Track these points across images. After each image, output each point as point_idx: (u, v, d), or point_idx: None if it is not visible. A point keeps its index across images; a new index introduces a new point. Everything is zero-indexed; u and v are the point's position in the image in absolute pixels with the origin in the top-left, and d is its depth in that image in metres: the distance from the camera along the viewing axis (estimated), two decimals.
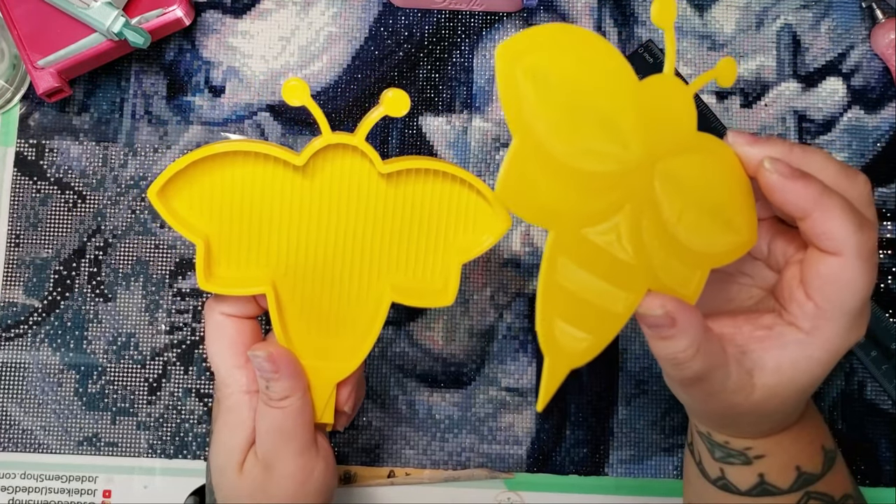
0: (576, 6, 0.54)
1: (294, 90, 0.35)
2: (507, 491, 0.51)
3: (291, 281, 0.39)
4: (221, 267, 0.38)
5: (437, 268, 0.39)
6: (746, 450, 0.38)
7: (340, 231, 0.38)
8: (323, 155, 0.37)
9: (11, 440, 0.51)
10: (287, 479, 0.38)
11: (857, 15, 0.54)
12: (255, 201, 0.38)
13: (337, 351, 0.40)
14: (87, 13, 0.47)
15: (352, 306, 0.39)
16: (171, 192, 0.37)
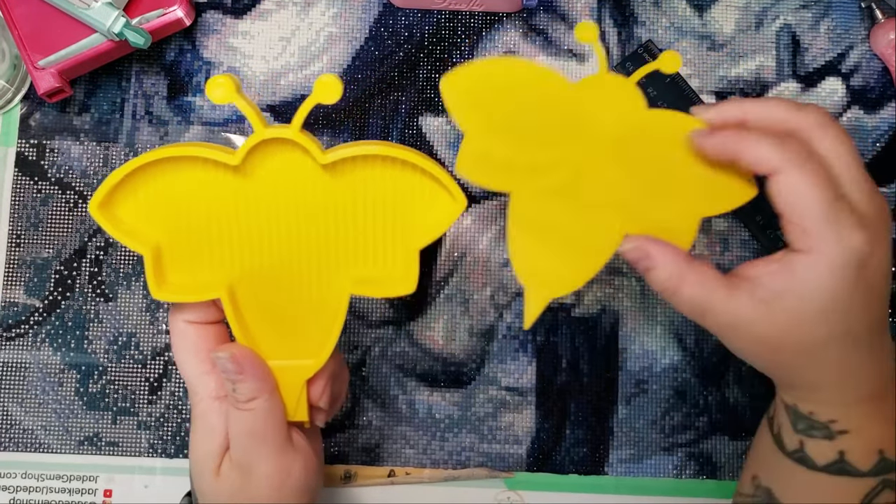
0: (576, 6, 0.54)
1: (219, 87, 0.35)
2: (507, 490, 0.51)
3: (247, 283, 0.38)
4: (174, 274, 0.38)
5: (396, 256, 0.38)
6: (831, 423, 0.37)
7: (289, 228, 0.38)
8: (261, 152, 0.36)
9: (12, 440, 0.51)
10: (264, 481, 0.37)
11: (857, 15, 0.55)
12: (199, 205, 0.37)
13: (302, 348, 0.39)
14: (88, 13, 0.47)
15: (312, 303, 0.39)
16: (114, 203, 0.37)
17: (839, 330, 0.36)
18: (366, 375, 0.52)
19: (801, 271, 0.35)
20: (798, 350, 0.36)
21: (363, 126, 0.53)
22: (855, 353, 0.37)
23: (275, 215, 0.37)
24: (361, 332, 0.52)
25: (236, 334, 0.38)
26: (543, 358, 0.52)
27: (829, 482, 0.38)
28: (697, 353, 0.52)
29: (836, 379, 0.37)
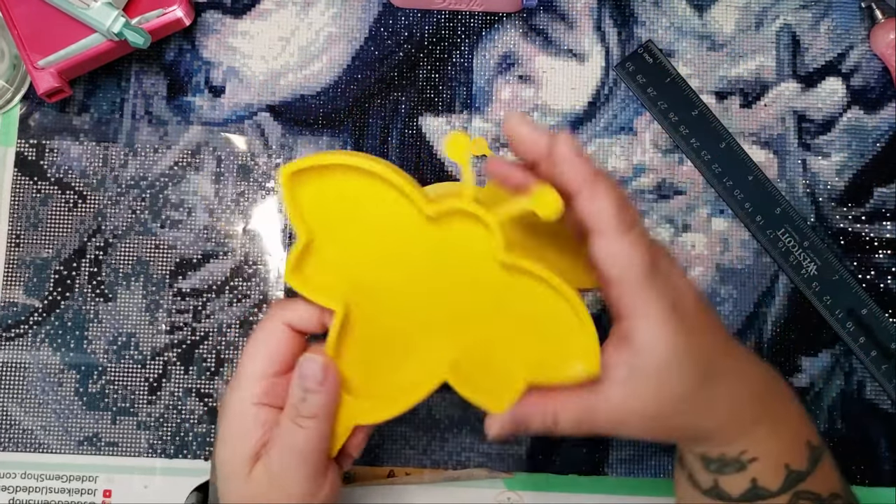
0: (575, 6, 0.54)
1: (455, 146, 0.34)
2: (507, 490, 0.51)
3: (365, 310, 0.37)
4: (310, 268, 0.37)
5: (504, 372, 0.36)
6: (742, 454, 0.38)
7: (434, 288, 0.36)
8: (453, 215, 0.35)
9: (12, 440, 0.51)
10: (292, 500, 0.37)
11: (857, 15, 0.54)
12: (372, 223, 0.36)
13: (375, 396, 0.38)
14: (88, 13, 0.47)
15: (409, 363, 0.37)
16: (300, 179, 0.36)
17: (702, 368, 0.35)
18: None
19: (637, 338, 0.34)
20: (680, 408, 0.36)
21: (363, 126, 0.53)
22: (727, 380, 0.37)
23: (429, 269, 0.36)
24: None
25: (329, 349, 0.37)
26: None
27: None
28: None
29: (728, 413, 0.37)
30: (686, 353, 0.35)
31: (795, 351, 0.52)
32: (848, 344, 0.51)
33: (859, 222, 0.53)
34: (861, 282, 0.52)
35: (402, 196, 0.35)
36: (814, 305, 0.52)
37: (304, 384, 0.36)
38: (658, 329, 0.34)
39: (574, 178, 0.33)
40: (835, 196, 0.53)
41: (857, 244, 0.53)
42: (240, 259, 0.52)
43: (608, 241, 0.33)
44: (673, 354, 0.34)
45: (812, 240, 0.52)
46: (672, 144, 0.53)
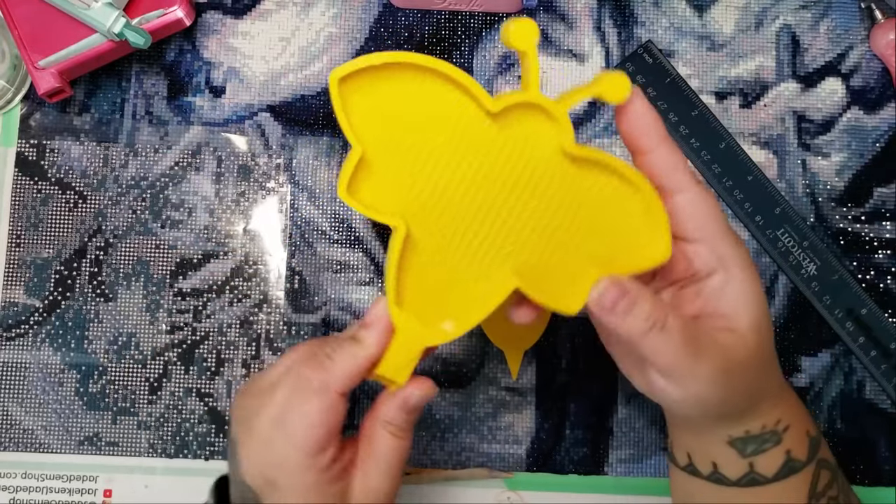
0: (575, 7, 0.54)
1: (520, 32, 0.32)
2: (507, 490, 0.51)
3: (425, 223, 0.35)
4: (364, 183, 0.34)
5: (574, 272, 0.35)
6: (777, 424, 0.37)
7: (497, 192, 0.34)
8: (516, 110, 0.33)
9: (12, 440, 0.51)
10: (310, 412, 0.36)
11: (857, 15, 0.55)
12: (429, 127, 0.34)
13: (443, 316, 0.36)
14: (88, 14, 0.47)
15: (475, 275, 0.35)
16: (350, 85, 0.33)
17: (770, 330, 0.37)
18: None
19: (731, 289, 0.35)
20: (764, 362, 0.36)
21: None
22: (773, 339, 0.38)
23: (494, 174, 0.34)
24: None
25: (390, 272, 0.35)
26: (543, 358, 0.52)
27: (777, 490, 0.38)
28: None
29: (777, 374, 0.38)
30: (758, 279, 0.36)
31: (795, 351, 0.52)
32: (847, 344, 0.52)
33: (859, 222, 0.53)
34: (861, 282, 0.52)
35: (462, 94, 0.33)
36: (813, 305, 0.52)
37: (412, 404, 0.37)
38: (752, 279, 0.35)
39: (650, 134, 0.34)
40: (834, 196, 0.53)
41: (856, 244, 0.53)
42: (240, 259, 0.52)
43: (690, 194, 0.34)
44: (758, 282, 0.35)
45: (812, 240, 0.52)
46: None
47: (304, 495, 0.36)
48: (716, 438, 0.38)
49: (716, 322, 0.35)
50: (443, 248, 0.35)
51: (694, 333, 0.34)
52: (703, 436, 0.38)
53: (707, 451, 0.39)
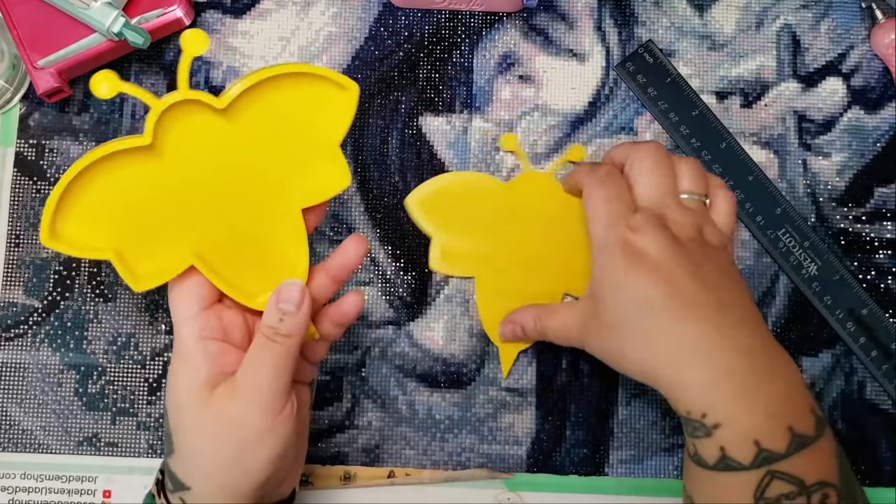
0: (576, 6, 0.54)
1: (102, 83, 0.37)
2: (507, 491, 0.51)
3: (210, 240, 0.40)
4: (142, 265, 0.40)
5: (323, 160, 0.41)
6: (703, 417, 0.39)
7: (222, 178, 0.40)
8: (167, 124, 0.38)
9: (11, 440, 0.51)
10: (259, 413, 0.38)
11: (857, 15, 0.54)
12: (135, 195, 0.39)
13: (281, 275, 0.41)
14: (87, 13, 0.47)
15: (273, 234, 0.41)
16: (60, 227, 0.38)
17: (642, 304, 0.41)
18: (366, 376, 0.52)
19: (596, 267, 0.43)
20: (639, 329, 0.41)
21: (363, 126, 0.53)
22: (696, 327, 0.40)
23: (204, 173, 0.39)
24: (361, 333, 0.52)
25: (220, 287, 0.40)
26: (543, 358, 0.52)
27: (722, 480, 0.39)
28: None
29: (670, 355, 0.40)
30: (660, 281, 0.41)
31: (796, 351, 0.52)
32: (848, 344, 0.51)
33: (860, 222, 0.53)
34: (861, 282, 0.52)
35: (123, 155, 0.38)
36: (814, 305, 0.52)
37: (282, 308, 0.39)
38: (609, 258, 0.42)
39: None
40: (835, 196, 0.53)
41: (857, 244, 0.53)
42: None
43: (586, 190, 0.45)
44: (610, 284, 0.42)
45: (812, 240, 0.52)
46: (672, 144, 0.53)
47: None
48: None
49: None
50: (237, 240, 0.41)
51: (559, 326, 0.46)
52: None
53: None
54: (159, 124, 0.38)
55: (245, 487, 0.39)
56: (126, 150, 0.37)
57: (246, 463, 0.38)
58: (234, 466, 0.38)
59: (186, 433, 0.39)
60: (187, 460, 0.39)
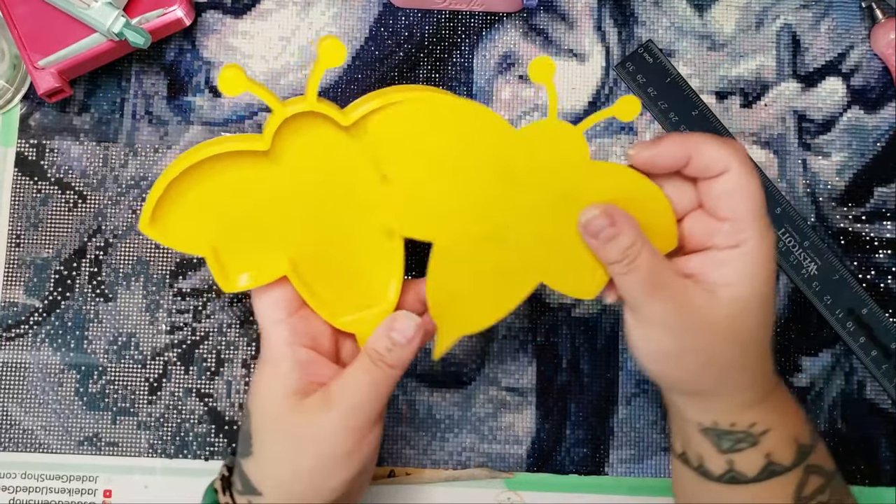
0: (576, 6, 0.54)
1: (230, 81, 0.35)
2: (507, 490, 0.51)
3: (306, 252, 0.39)
4: (236, 266, 0.39)
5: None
6: (752, 427, 0.38)
7: (330, 194, 0.38)
8: (287, 130, 0.36)
9: (12, 440, 0.51)
10: (349, 434, 0.37)
11: (857, 15, 0.54)
12: (242, 196, 0.38)
13: (369, 298, 0.40)
14: (88, 13, 0.47)
15: (370, 255, 0.40)
16: (161, 216, 0.37)
17: (767, 319, 0.38)
18: None
19: (735, 264, 0.36)
20: (736, 343, 0.37)
21: None
22: (767, 342, 0.39)
23: (314, 186, 0.38)
24: None
25: (308, 301, 0.39)
26: (543, 358, 0.52)
27: (762, 490, 0.39)
28: None
29: (757, 374, 0.39)
30: (769, 297, 0.37)
31: (795, 351, 0.52)
32: (848, 344, 0.51)
33: (859, 222, 0.53)
34: (861, 281, 0.52)
35: (238, 155, 0.36)
36: (814, 305, 0.52)
37: (393, 337, 0.38)
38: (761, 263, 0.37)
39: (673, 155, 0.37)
40: (835, 196, 0.53)
41: (857, 244, 0.53)
42: None
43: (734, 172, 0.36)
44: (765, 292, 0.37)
45: (812, 239, 0.52)
46: None
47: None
48: (691, 424, 0.39)
49: (700, 282, 0.37)
50: (332, 256, 0.39)
51: (660, 277, 0.36)
52: (681, 419, 0.40)
53: (689, 439, 0.40)
54: (280, 130, 0.36)
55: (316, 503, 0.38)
56: (242, 151, 0.36)
57: (324, 479, 0.38)
58: (311, 480, 0.38)
59: (269, 438, 0.38)
60: (265, 465, 0.38)
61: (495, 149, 0.37)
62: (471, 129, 0.37)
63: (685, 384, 0.38)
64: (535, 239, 0.39)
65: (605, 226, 0.37)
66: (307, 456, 0.37)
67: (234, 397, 0.52)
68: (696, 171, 0.37)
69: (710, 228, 0.37)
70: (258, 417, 0.39)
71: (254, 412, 0.39)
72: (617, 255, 0.36)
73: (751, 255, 0.36)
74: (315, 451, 0.37)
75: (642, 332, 0.37)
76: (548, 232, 0.39)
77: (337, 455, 0.37)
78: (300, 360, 0.38)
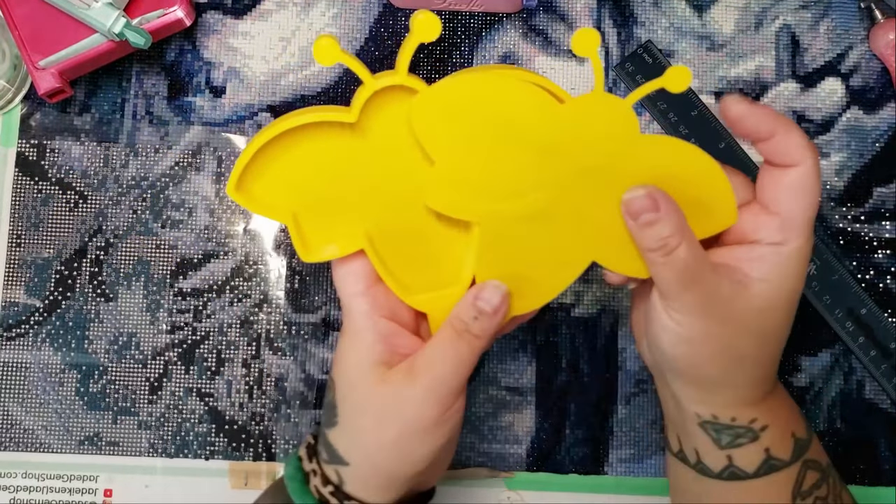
0: (575, 6, 0.54)
1: (326, 50, 0.35)
2: (507, 490, 0.51)
3: (383, 227, 0.39)
4: (316, 236, 0.39)
5: None
6: (752, 422, 0.38)
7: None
8: (375, 104, 0.36)
9: (12, 440, 0.51)
10: (433, 406, 0.37)
11: (856, 15, 0.55)
12: (327, 167, 0.38)
13: (444, 279, 0.40)
14: (89, 14, 0.47)
15: (443, 234, 0.39)
16: (248, 181, 0.37)
17: (789, 320, 0.38)
18: None
19: (773, 261, 0.36)
20: (758, 337, 0.37)
21: None
22: (783, 344, 0.39)
23: (398, 161, 0.38)
24: None
25: (382, 276, 0.39)
26: (543, 358, 0.52)
27: (761, 486, 0.39)
28: None
29: (768, 371, 0.39)
30: (797, 298, 0.37)
31: (795, 350, 0.52)
32: (847, 343, 0.52)
33: (858, 222, 0.53)
34: (860, 281, 0.52)
35: (325, 127, 0.37)
36: (813, 305, 0.52)
37: (479, 306, 0.38)
38: (798, 264, 0.37)
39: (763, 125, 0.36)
40: (834, 196, 0.53)
41: (856, 244, 0.53)
42: (240, 259, 0.52)
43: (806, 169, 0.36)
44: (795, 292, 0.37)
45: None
46: None
47: None
48: (689, 418, 0.39)
49: (734, 272, 0.36)
50: (408, 233, 0.39)
51: (696, 271, 0.36)
52: (680, 412, 0.40)
53: (687, 434, 0.40)
54: (368, 103, 0.36)
55: (401, 474, 0.38)
56: (328, 122, 0.36)
57: (409, 450, 0.38)
58: (397, 451, 0.38)
59: (354, 408, 0.38)
60: (351, 436, 0.39)
61: (540, 125, 0.36)
62: (514, 105, 0.36)
63: (696, 369, 0.38)
64: (584, 216, 0.38)
65: (647, 208, 0.35)
66: (392, 427, 0.37)
67: (234, 397, 0.52)
68: (773, 153, 0.36)
69: (758, 223, 0.37)
70: (343, 388, 0.39)
71: (339, 383, 0.39)
72: (655, 242, 0.35)
73: (792, 255, 0.36)
74: (400, 423, 0.37)
75: (670, 318, 0.37)
76: (597, 209, 0.37)
77: (422, 427, 0.37)
78: (381, 332, 0.38)
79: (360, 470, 0.38)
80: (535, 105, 0.36)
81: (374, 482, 0.38)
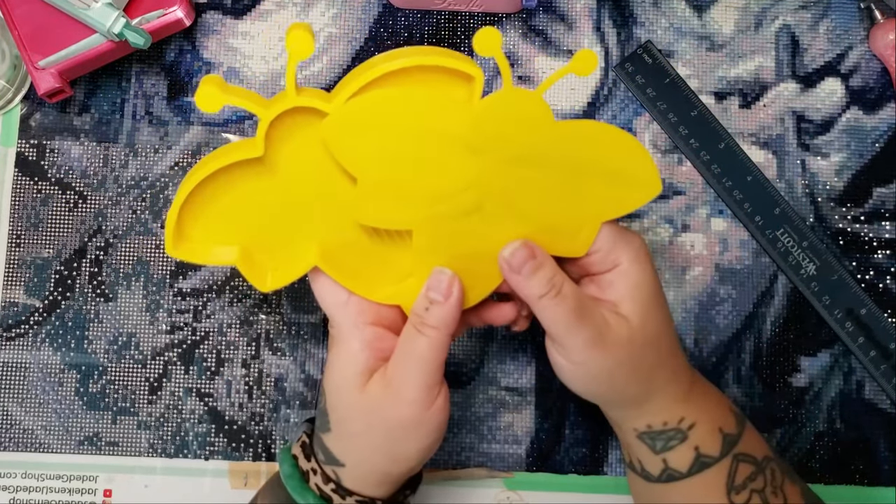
0: (575, 7, 0.54)
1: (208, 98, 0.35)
2: (507, 490, 0.51)
3: (333, 238, 0.39)
4: (269, 265, 0.40)
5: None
6: (681, 422, 0.40)
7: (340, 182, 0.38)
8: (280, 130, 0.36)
9: (12, 440, 0.51)
10: (407, 406, 0.38)
11: (856, 16, 0.55)
12: (254, 203, 0.38)
13: (402, 273, 0.40)
14: (88, 14, 0.47)
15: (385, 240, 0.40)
16: (183, 239, 0.38)
17: (666, 314, 0.40)
18: None
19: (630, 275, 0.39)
20: (653, 342, 0.39)
21: None
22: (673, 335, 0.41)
23: (321, 178, 0.38)
24: None
25: (343, 283, 0.39)
26: (543, 358, 0.52)
27: (697, 483, 0.40)
28: (696, 353, 0.52)
29: (675, 366, 0.40)
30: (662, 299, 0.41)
31: (794, 351, 0.52)
32: (847, 344, 0.52)
33: (858, 222, 0.53)
34: (860, 282, 0.52)
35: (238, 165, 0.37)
36: (813, 305, 0.52)
37: (429, 295, 0.38)
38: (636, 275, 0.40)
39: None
40: (834, 196, 0.53)
41: (855, 244, 0.53)
42: None
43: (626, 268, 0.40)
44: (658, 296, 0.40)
45: (811, 240, 0.52)
46: (671, 145, 0.53)
47: None
48: (627, 432, 0.41)
49: (606, 305, 0.39)
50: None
51: (584, 303, 0.38)
52: (620, 430, 0.42)
53: (630, 446, 0.42)
54: (274, 131, 0.36)
55: (396, 473, 0.40)
56: (239, 161, 0.36)
57: (398, 450, 0.39)
58: (386, 454, 0.39)
59: (343, 416, 0.39)
60: (343, 440, 0.40)
61: (457, 127, 0.36)
62: (427, 113, 0.36)
63: (620, 397, 0.40)
64: (515, 205, 0.38)
65: (527, 257, 0.38)
66: (379, 431, 0.38)
67: (234, 397, 0.52)
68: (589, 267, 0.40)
69: (584, 261, 0.40)
70: (332, 397, 0.40)
71: (328, 391, 0.40)
72: (544, 286, 0.37)
73: (633, 262, 0.39)
74: (385, 427, 0.38)
75: (573, 363, 0.39)
76: (527, 196, 0.38)
77: (403, 430, 0.38)
78: (366, 340, 0.39)
79: (355, 471, 0.40)
80: (449, 109, 0.36)
81: (370, 480, 0.40)
